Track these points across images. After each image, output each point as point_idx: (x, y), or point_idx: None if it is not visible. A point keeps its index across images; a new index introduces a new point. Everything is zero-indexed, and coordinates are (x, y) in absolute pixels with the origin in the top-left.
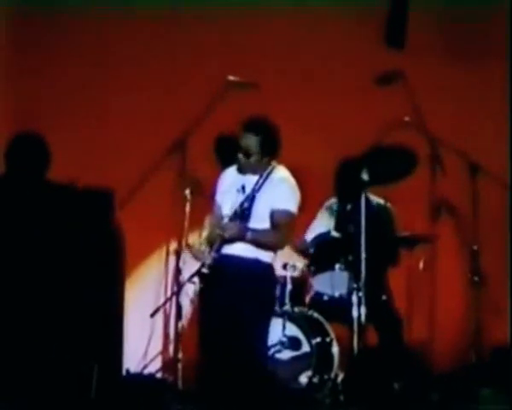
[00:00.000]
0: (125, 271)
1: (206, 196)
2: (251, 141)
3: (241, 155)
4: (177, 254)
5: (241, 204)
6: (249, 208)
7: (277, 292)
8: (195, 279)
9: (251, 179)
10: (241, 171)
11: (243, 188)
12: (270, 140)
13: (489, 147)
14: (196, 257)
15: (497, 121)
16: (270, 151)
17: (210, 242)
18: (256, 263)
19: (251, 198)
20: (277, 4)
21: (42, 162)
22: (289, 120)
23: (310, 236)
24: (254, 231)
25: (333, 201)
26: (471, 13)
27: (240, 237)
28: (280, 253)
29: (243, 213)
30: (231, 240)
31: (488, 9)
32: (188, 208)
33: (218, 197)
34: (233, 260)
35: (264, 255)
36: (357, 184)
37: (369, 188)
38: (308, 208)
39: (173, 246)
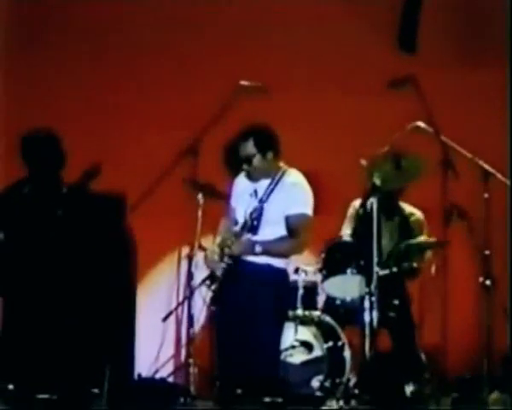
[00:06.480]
0: (137, 275)
1: (218, 200)
2: (245, 147)
3: (245, 166)
4: (190, 258)
5: (251, 214)
6: (258, 218)
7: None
8: (208, 282)
9: (263, 184)
10: (253, 179)
11: (256, 192)
12: (262, 137)
13: (501, 150)
14: (208, 266)
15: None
16: (267, 147)
17: (223, 247)
18: (268, 268)
19: (260, 207)
20: (291, 9)
21: (58, 161)
22: (301, 125)
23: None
24: (262, 243)
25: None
26: (481, 15)
27: (249, 253)
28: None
29: (252, 225)
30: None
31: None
32: (200, 213)
33: (233, 202)
34: (246, 266)
35: (277, 261)
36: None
37: (381, 193)
38: (320, 212)
39: (185, 250)
